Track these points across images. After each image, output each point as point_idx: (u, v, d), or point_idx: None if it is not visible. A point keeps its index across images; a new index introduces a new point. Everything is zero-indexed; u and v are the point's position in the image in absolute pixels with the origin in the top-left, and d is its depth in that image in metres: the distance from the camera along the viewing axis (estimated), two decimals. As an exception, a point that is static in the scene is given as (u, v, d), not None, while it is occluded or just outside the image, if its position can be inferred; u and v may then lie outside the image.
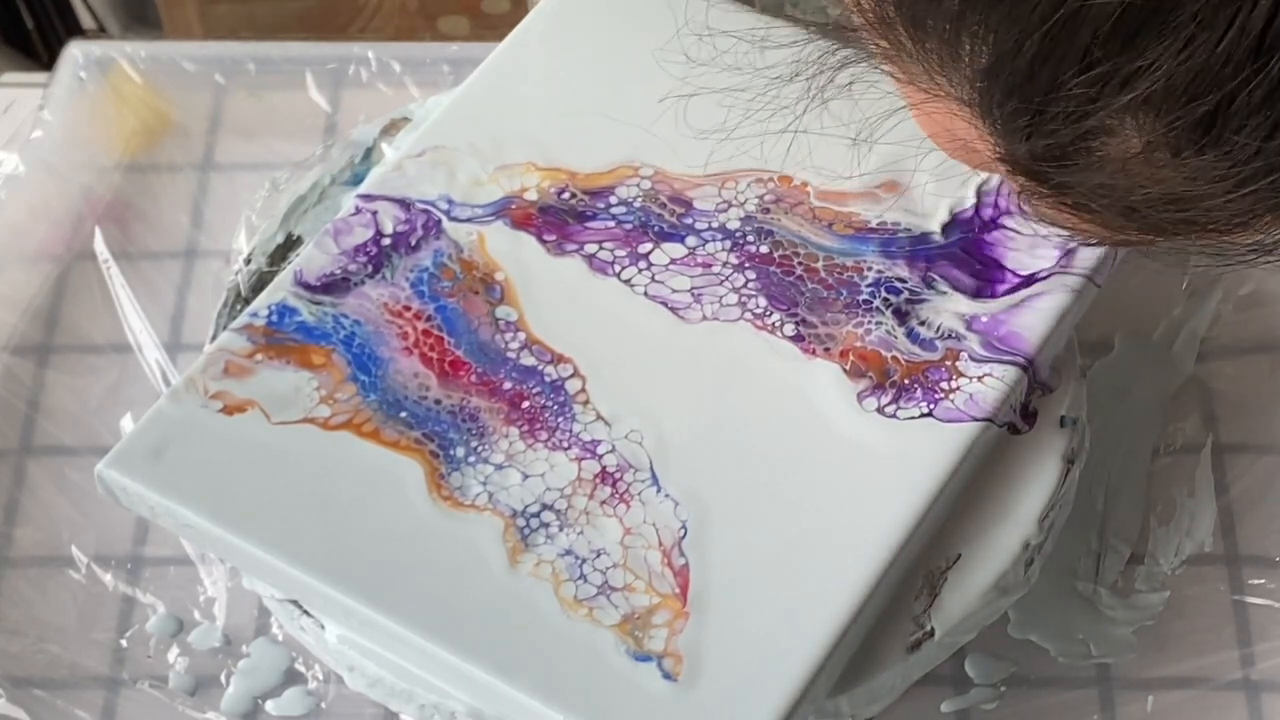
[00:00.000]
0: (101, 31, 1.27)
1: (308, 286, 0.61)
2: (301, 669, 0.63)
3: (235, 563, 0.59)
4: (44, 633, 0.65)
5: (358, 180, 0.67)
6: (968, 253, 0.60)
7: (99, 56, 0.80)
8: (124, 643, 0.64)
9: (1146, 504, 0.66)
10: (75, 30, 1.28)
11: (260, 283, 0.64)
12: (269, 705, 0.63)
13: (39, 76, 0.81)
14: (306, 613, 0.58)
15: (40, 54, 1.29)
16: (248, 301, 0.63)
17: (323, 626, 0.58)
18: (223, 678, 0.63)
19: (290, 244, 0.66)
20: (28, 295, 0.74)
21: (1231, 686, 0.62)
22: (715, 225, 0.61)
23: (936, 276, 0.60)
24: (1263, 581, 0.64)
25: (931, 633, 0.56)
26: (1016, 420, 0.59)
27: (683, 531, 0.55)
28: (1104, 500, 0.66)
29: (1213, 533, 0.65)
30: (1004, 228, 0.60)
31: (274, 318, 0.60)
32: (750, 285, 0.60)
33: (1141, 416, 0.68)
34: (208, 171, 0.78)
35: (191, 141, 0.78)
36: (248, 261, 0.66)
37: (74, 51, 0.80)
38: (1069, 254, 0.60)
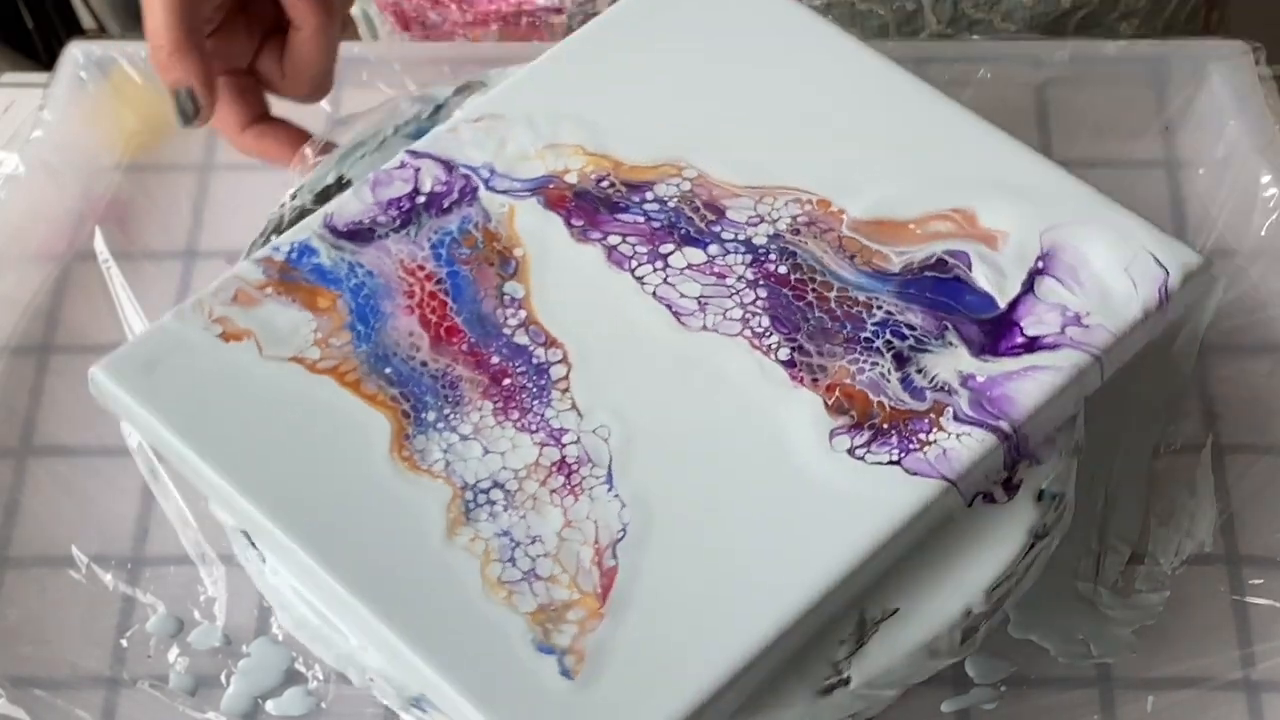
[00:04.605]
0: (101, 31, 1.27)
1: (334, 230, 0.62)
2: (301, 669, 0.63)
3: (198, 485, 0.60)
4: (44, 633, 0.65)
5: (419, 135, 0.67)
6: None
7: (99, 56, 0.80)
8: (124, 643, 0.64)
9: (1146, 504, 0.66)
10: (75, 30, 1.28)
11: (301, 219, 0.65)
12: (269, 705, 0.63)
13: (39, 76, 0.81)
14: (253, 544, 0.59)
15: (40, 54, 1.29)
16: None
17: (264, 560, 0.59)
18: (223, 678, 0.63)
19: (340, 186, 0.67)
20: (28, 295, 0.74)
21: (1231, 686, 0.62)
22: (741, 238, 0.61)
23: (949, 326, 0.59)
24: (1263, 581, 0.64)
25: (847, 681, 0.54)
26: (993, 490, 0.57)
27: (621, 534, 0.55)
28: (1104, 500, 0.66)
29: (1213, 533, 0.65)
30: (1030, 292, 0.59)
31: (293, 255, 0.61)
32: (758, 303, 0.59)
33: (1141, 416, 0.68)
34: (208, 171, 0.78)
35: (191, 141, 0.78)
36: (293, 197, 0.67)
37: (74, 51, 0.80)
38: (1082, 326, 0.58)
